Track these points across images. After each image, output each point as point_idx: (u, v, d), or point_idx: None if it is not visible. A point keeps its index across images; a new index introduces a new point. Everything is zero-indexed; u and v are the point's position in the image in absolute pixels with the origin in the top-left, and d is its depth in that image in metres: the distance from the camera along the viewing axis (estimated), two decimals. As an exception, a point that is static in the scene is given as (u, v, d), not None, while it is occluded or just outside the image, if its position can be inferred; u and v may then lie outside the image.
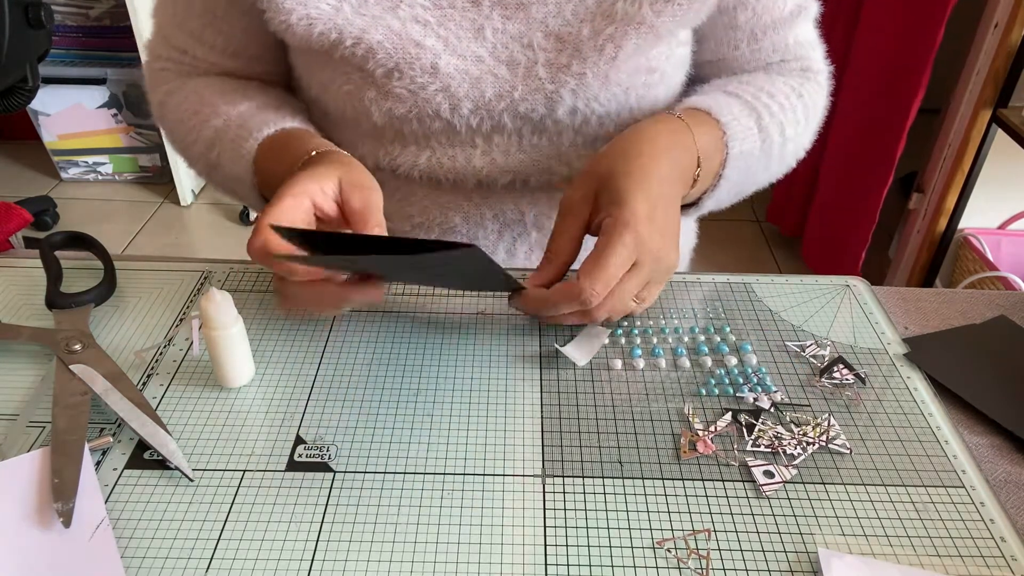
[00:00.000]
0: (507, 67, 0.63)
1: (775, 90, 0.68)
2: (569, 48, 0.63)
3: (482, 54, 0.63)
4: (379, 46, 0.61)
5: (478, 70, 0.63)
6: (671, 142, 0.59)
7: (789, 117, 0.68)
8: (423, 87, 0.62)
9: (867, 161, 1.76)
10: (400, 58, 0.61)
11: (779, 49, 0.70)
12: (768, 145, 0.67)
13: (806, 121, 0.71)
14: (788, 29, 0.70)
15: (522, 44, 0.63)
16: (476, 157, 0.67)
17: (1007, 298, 0.66)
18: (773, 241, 2.25)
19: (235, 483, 0.47)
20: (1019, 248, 1.72)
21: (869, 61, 1.72)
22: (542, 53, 0.63)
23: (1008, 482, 0.49)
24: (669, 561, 0.43)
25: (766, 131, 0.66)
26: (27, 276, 0.64)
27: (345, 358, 0.57)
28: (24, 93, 1.76)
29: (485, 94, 0.63)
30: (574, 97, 0.64)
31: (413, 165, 0.67)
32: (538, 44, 0.63)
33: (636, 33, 0.62)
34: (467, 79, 0.62)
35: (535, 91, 0.63)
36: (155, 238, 2.23)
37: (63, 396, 0.51)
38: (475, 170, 0.67)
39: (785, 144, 0.69)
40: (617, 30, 0.62)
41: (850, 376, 0.56)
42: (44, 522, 0.44)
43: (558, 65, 0.63)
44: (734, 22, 0.68)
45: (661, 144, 0.58)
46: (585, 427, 0.52)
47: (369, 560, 0.43)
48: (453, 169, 0.67)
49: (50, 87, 2.20)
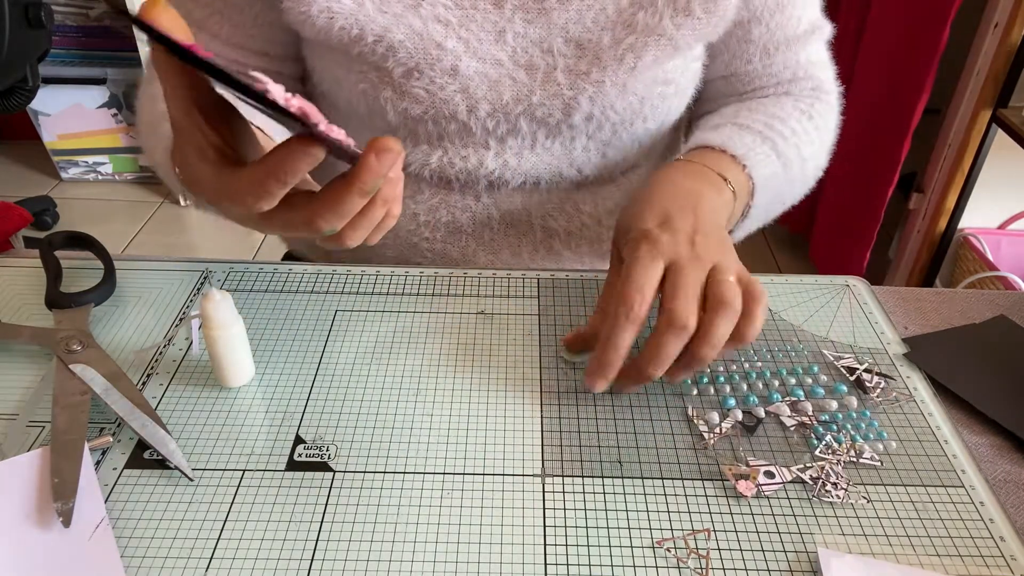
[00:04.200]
0: (526, 71, 0.63)
1: (785, 115, 0.68)
2: (589, 55, 0.63)
3: (502, 58, 0.63)
4: (400, 45, 0.60)
5: (497, 73, 0.62)
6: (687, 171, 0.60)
7: (803, 138, 0.68)
8: (441, 88, 0.62)
9: (872, 161, 1.77)
10: (421, 58, 0.61)
11: (790, 66, 0.71)
12: (789, 167, 0.67)
13: (819, 141, 0.71)
14: (801, 47, 0.70)
15: (542, 49, 0.63)
16: (489, 159, 0.66)
17: (1007, 298, 0.66)
18: (775, 240, 2.26)
19: (235, 483, 0.47)
20: (1019, 248, 1.72)
21: (874, 63, 1.72)
22: (561, 59, 0.63)
23: (1008, 482, 0.49)
24: (669, 561, 0.43)
25: (784, 155, 0.66)
26: (27, 276, 0.64)
27: (345, 358, 0.57)
28: (24, 93, 1.76)
29: (503, 97, 0.63)
30: (591, 104, 0.64)
31: (424, 164, 0.67)
32: (558, 50, 0.63)
33: (656, 45, 0.62)
34: (486, 81, 0.62)
35: (553, 96, 0.63)
36: (155, 238, 2.23)
37: (63, 396, 0.51)
38: (487, 172, 0.67)
39: (805, 164, 0.69)
40: (637, 40, 0.62)
41: (874, 378, 0.56)
42: (44, 522, 0.44)
43: (577, 72, 0.63)
44: (748, 36, 0.69)
45: (670, 177, 0.59)
46: (585, 427, 0.52)
47: (369, 560, 0.43)
48: (465, 170, 0.67)
49: (50, 87, 2.20)
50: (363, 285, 0.65)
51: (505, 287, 0.64)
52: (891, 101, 1.68)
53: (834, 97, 0.74)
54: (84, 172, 2.46)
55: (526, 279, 0.66)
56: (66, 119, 2.32)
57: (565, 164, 0.68)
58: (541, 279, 0.66)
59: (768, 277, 0.67)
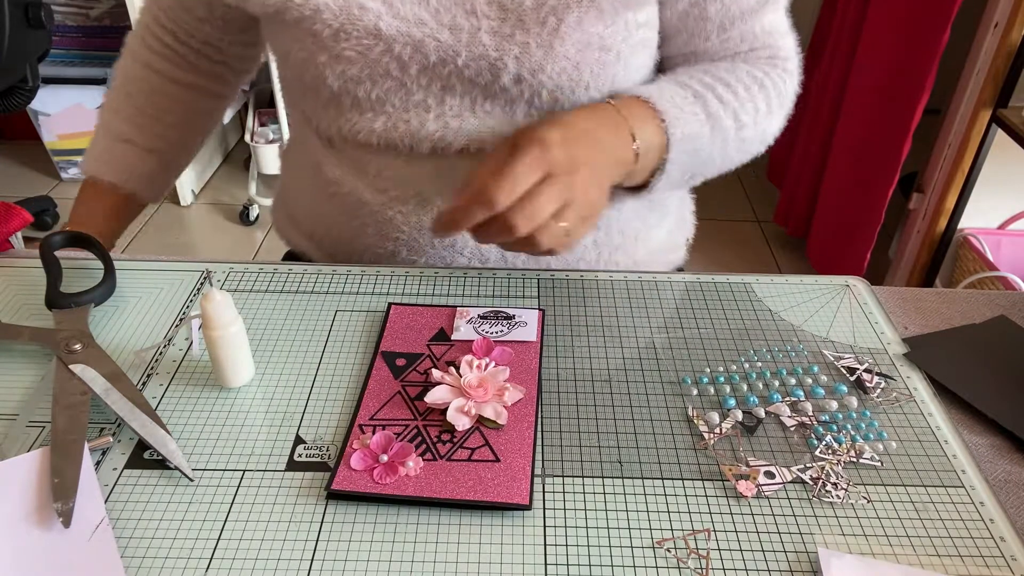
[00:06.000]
0: (450, 31, 0.64)
1: (733, 80, 0.70)
2: (512, 18, 0.64)
3: (425, 17, 0.64)
4: (325, 6, 0.63)
5: (420, 33, 0.64)
6: (596, 114, 0.63)
7: (747, 106, 0.69)
8: (369, 48, 0.64)
9: (872, 161, 1.77)
10: (344, 19, 0.63)
11: (747, 39, 0.72)
12: (720, 130, 0.68)
13: (768, 108, 0.72)
14: (756, 18, 0.71)
15: (465, 10, 0.64)
16: (430, 121, 0.68)
17: (1007, 298, 0.66)
18: (774, 241, 2.26)
19: (235, 483, 0.47)
20: (1019, 248, 1.72)
21: (874, 63, 1.72)
22: (485, 20, 0.64)
23: (1008, 482, 0.49)
24: (669, 561, 0.43)
25: (715, 117, 0.67)
26: (27, 276, 0.64)
27: (345, 358, 0.57)
28: (24, 93, 1.76)
29: (429, 58, 0.65)
30: (518, 65, 0.65)
31: (371, 131, 0.69)
32: (481, 11, 0.64)
33: (578, 6, 0.63)
34: (411, 41, 0.64)
35: (479, 58, 0.65)
36: (155, 238, 2.23)
37: (63, 396, 0.51)
38: (428, 133, 0.68)
39: (742, 129, 0.70)
40: (559, 2, 0.63)
41: (874, 378, 0.56)
42: (44, 522, 0.44)
43: (502, 34, 0.64)
44: (704, 14, 0.69)
45: (584, 113, 0.62)
46: (585, 427, 0.52)
47: (369, 560, 0.43)
48: (408, 133, 0.68)
49: (50, 87, 2.20)
50: (363, 285, 0.65)
51: (505, 287, 0.64)
52: (891, 101, 1.68)
53: (792, 64, 0.75)
54: (84, 172, 2.46)
55: (526, 279, 0.66)
56: (66, 119, 2.32)
57: (508, 128, 0.69)
58: (541, 279, 0.66)
59: (768, 277, 0.67)
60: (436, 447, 0.49)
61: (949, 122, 1.65)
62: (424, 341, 0.58)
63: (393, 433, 0.50)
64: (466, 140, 0.69)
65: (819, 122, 1.95)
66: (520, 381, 0.54)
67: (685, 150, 0.66)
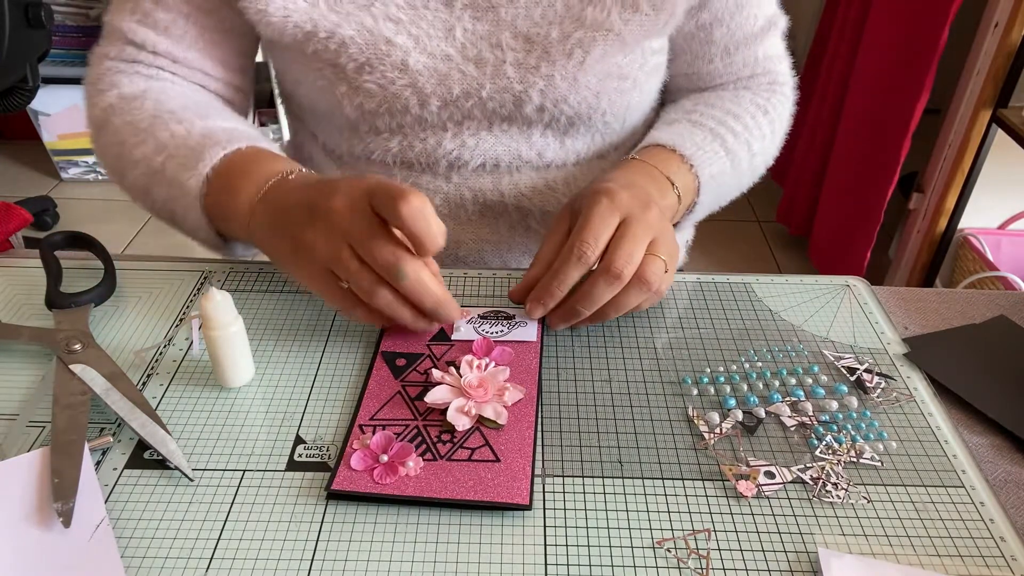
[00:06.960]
0: (475, 65, 0.65)
1: (740, 111, 0.72)
2: (538, 50, 0.65)
3: (451, 52, 0.65)
4: (351, 41, 0.63)
5: (446, 67, 0.64)
6: (631, 169, 0.64)
7: (755, 134, 0.72)
8: (392, 82, 0.64)
9: (872, 161, 1.77)
10: (371, 53, 0.63)
11: (749, 64, 0.74)
12: (737, 163, 0.70)
13: (772, 134, 0.74)
14: (759, 44, 0.73)
15: (490, 44, 0.65)
16: (447, 140, 0.69)
17: (1007, 298, 0.66)
18: (775, 241, 2.26)
19: (235, 483, 0.47)
20: (1019, 248, 1.72)
21: (874, 63, 1.72)
22: (511, 53, 0.65)
23: (1008, 482, 0.49)
24: (669, 561, 0.43)
25: (733, 152, 0.69)
26: (27, 276, 0.64)
27: (345, 358, 0.57)
28: (24, 93, 1.76)
29: (452, 91, 0.65)
30: (542, 97, 0.66)
31: (386, 151, 0.70)
32: (507, 44, 0.64)
33: (604, 40, 0.64)
34: (435, 75, 0.64)
35: (503, 90, 0.65)
36: (155, 238, 2.23)
37: (63, 396, 0.51)
38: (445, 152, 0.69)
39: (754, 158, 0.72)
40: (586, 35, 0.64)
41: (874, 379, 0.56)
42: (44, 522, 0.44)
43: (527, 66, 0.65)
44: (710, 38, 0.71)
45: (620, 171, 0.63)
46: (585, 427, 0.52)
47: (369, 560, 0.43)
48: (424, 151, 0.69)
49: (50, 87, 2.20)
50: (363, 285, 0.65)
51: (505, 287, 0.64)
52: (891, 101, 1.68)
53: (789, 88, 0.77)
54: (84, 172, 2.46)
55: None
56: (66, 119, 2.32)
57: (524, 147, 0.70)
58: (541, 279, 0.66)
59: (768, 277, 0.67)
60: (436, 447, 0.49)
61: (949, 122, 1.65)
62: (424, 341, 0.58)
63: (393, 433, 0.50)
64: (483, 158, 0.70)
65: (821, 121, 1.95)
66: (520, 381, 0.54)
67: (712, 189, 0.68)
